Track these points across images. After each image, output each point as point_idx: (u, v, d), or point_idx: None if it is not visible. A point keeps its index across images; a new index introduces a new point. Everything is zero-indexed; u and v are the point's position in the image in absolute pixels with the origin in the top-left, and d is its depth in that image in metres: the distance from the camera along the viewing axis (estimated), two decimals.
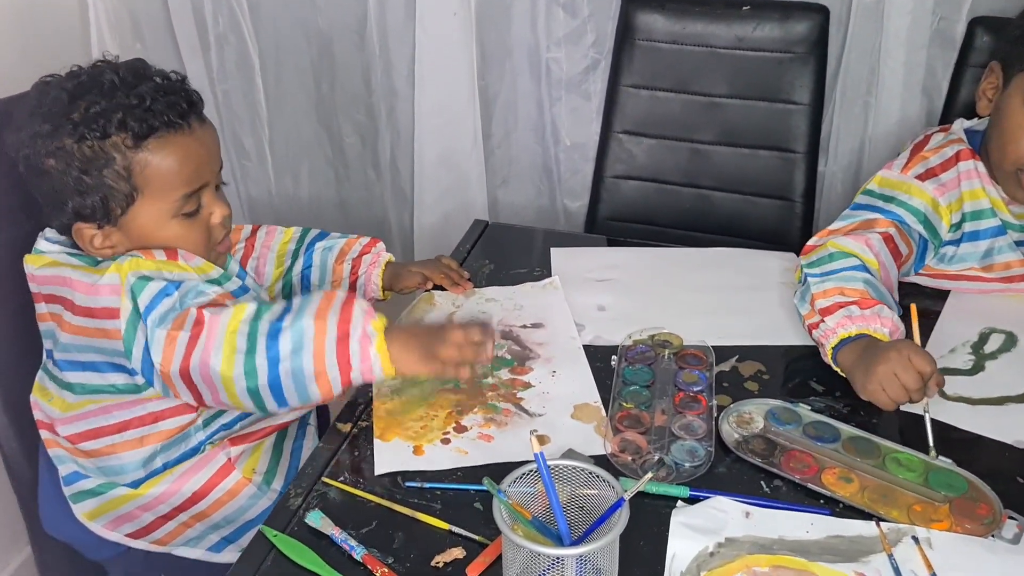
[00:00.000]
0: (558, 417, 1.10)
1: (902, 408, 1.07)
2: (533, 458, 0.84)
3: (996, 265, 1.30)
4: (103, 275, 1.04)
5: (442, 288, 1.35)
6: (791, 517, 0.96)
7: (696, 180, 1.80)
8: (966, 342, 1.25)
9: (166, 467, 1.13)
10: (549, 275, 1.39)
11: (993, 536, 0.92)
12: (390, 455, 1.04)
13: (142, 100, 1.05)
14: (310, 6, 1.86)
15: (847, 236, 1.25)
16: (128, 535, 1.17)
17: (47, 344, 1.13)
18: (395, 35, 1.84)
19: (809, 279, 1.21)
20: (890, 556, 0.90)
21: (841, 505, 0.97)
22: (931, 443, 1.03)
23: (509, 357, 1.20)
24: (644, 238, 1.80)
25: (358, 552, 0.91)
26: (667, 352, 1.20)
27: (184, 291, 1.03)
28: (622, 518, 0.80)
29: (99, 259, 1.08)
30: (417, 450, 1.05)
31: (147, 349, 1.00)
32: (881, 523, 0.94)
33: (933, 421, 1.05)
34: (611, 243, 1.53)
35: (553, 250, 1.44)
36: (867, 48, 1.63)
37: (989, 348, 1.24)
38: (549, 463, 0.84)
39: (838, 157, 1.75)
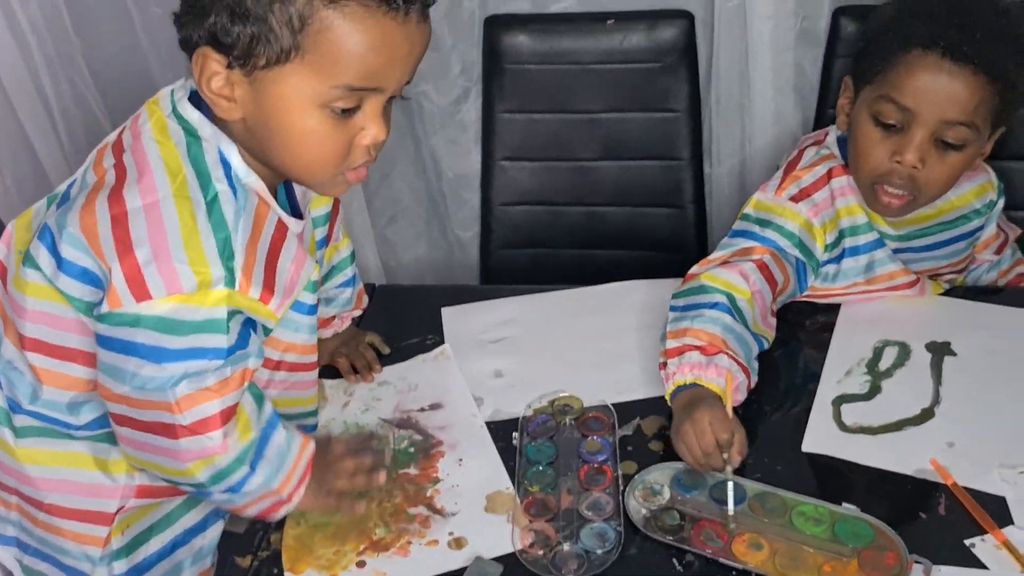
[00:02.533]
0: (472, 513, 1.07)
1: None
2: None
3: (879, 277, 1.31)
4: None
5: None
6: None
7: (585, 198, 1.77)
8: (861, 360, 1.25)
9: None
10: (442, 340, 1.35)
11: None
12: None
13: None
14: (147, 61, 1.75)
15: (722, 267, 1.24)
16: None
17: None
18: None
19: (670, 313, 1.21)
20: None
21: (754, 575, 0.97)
22: (730, 510, 1.02)
23: (412, 450, 1.17)
24: (539, 263, 1.79)
25: None
26: (568, 419, 1.18)
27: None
28: None
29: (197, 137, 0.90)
30: None
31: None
32: None
33: (840, 460, 1.07)
34: (506, 289, 1.48)
35: (444, 311, 1.40)
36: (735, 53, 1.61)
37: (884, 364, 1.24)
38: None
39: (722, 160, 1.74)
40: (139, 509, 1.04)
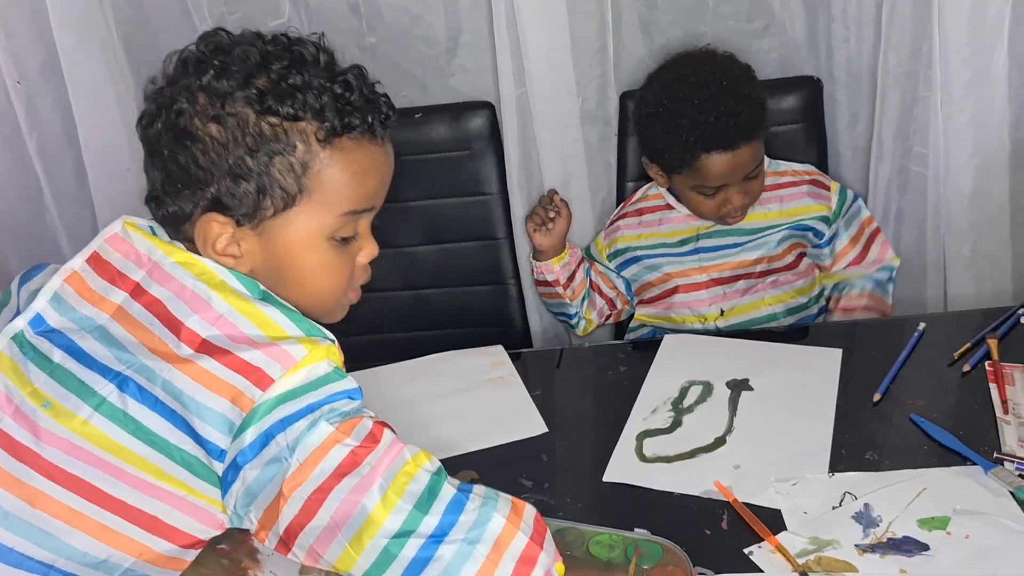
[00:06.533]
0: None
1: None
2: None
3: None
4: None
5: None
6: None
7: (410, 282, 1.84)
8: (668, 399, 1.33)
9: None
10: None
11: None
12: None
13: (347, 88, 0.89)
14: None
15: None
16: None
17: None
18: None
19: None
20: None
21: None
22: None
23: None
24: (372, 348, 1.82)
25: None
26: None
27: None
28: None
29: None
30: None
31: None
32: None
33: (636, 489, 1.16)
34: None
35: None
36: (524, 136, 1.72)
37: (687, 402, 1.32)
38: None
39: None
40: None
